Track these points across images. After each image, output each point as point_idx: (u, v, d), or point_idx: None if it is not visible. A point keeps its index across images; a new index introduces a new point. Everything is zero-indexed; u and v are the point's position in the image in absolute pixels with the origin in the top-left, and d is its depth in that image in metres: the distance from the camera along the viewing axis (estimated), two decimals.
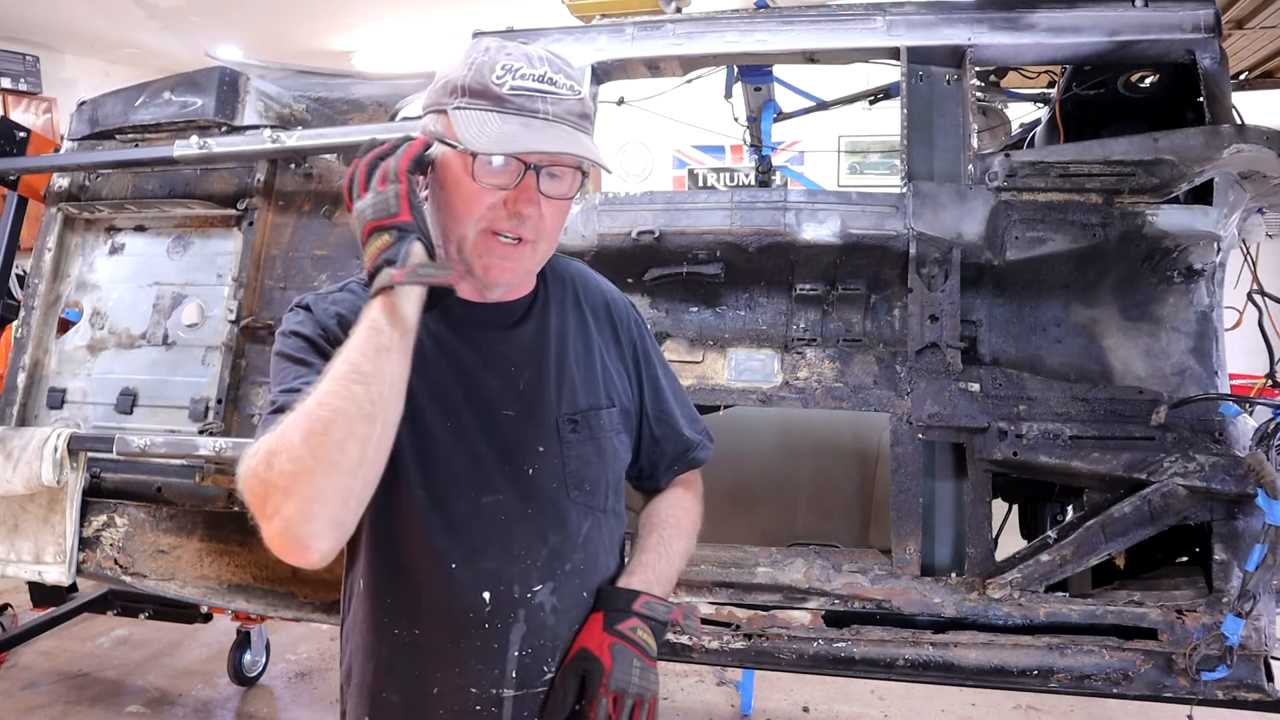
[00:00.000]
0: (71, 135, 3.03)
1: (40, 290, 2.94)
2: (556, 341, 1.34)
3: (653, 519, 1.45)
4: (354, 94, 2.97)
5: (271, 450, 1.02)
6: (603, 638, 1.24)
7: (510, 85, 1.15)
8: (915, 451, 2.22)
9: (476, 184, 1.16)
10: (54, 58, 7.97)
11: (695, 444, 1.51)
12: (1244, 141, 2.11)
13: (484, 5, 6.12)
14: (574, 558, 1.28)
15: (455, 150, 1.17)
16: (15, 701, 3.73)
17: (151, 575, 2.66)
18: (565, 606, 1.27)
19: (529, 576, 1.24)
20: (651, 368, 1.47)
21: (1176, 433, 2.12)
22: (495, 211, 1.18)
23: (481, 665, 1.23)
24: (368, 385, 1.03)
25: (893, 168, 7.13)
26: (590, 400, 1.34)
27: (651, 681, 1.23)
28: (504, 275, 1.23)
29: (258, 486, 1.02)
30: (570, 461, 1.29)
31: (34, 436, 2.58)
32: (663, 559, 1.38)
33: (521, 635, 1.23)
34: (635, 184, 9.00)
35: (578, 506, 1.29)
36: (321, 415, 1.01)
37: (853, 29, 2.44)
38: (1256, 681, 2.06)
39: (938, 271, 2.25)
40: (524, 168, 1.16)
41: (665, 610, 1.29)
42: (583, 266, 1.47)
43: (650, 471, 1.49)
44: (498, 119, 1.15)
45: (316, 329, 1.23)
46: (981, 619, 2.14)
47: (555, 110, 1.17)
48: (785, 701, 3.82)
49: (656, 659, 1.26)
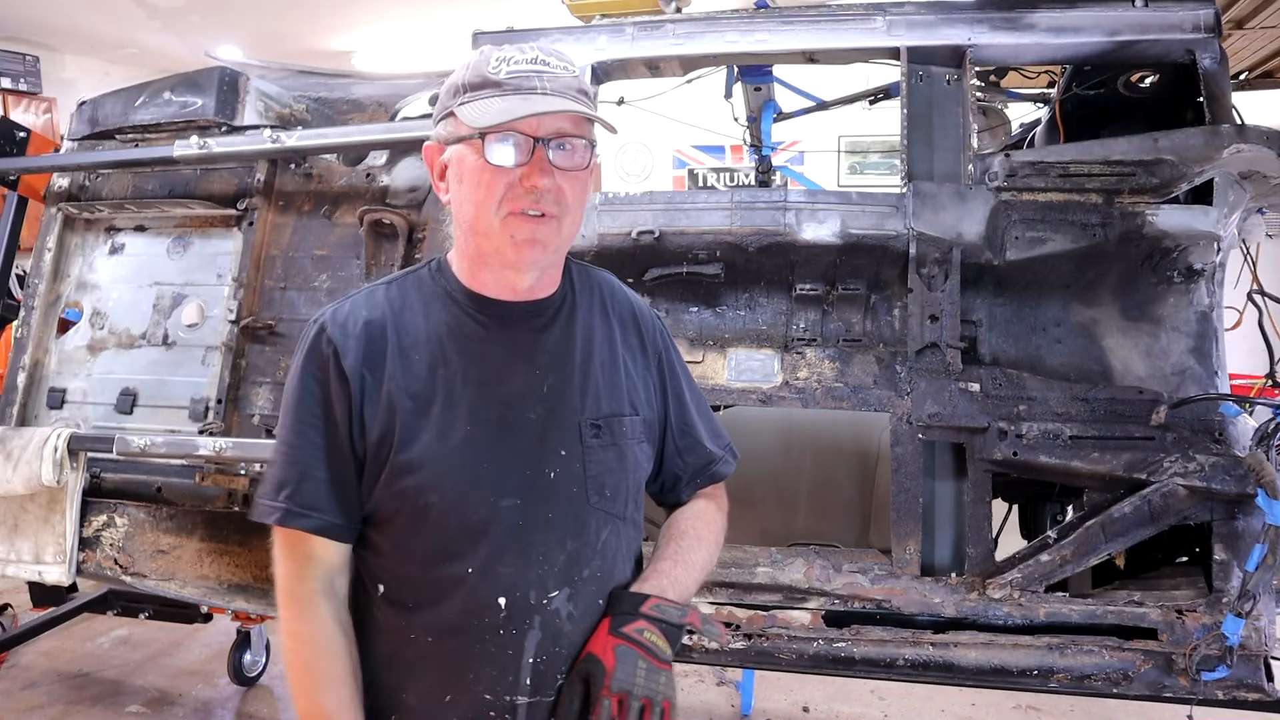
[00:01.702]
0: (71, 135, 3.03)
1: (40, 290, 2.94)
2: (582, 346, 1.33)
3: (673, 530, 1.43)
4: (354, 94, 2.97)
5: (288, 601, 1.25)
6: (607, 640, 1.22)
7: (506, 71, 1.20)
8: (915, 451, 2.22)
9: (490, 166, 1.19)
10: (54, 58, 7.96)
11: (718, 458, 1.49)
12: (1244, 141, 2.11)
13: (484, 5, 6.13)
14: (592, 564, 1.27)
15: (467, 141, 1.21)
16: (15, 701, 3.73)
17: (151, 575, 2.66)
18: (581, 613, 1.26)
19: (546, 582, 1.23)
20: (676, 380, 1.46)
21: (1176, 433, 2.12)
22: (513, 191, 1.20)
23: (496, 672, 1.22)
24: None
25: (893, 168, 7.12)
26: (614, 407, 1.33)
27: (662, 684, 1.18)
28: (534, 253, 1.23)
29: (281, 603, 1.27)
30: (591, 466, 1.28)
31: (34, 436, 2.58)
32: (679, 566, 1.35)
33: (537, 642, 1.22)
34: (635, 184, 9.00)
35: (597, 512, 1.28)
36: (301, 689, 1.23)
37: (853, 29, 2.44)
38: (1256, 681, 2.06)
39: (938, 271, 2.25)
40: (533, 143, 1.18)
41: (679, 613, 1.26)
42: (611, 276, 1.47)
43: (672, 485, 1.47)
44: (498, 100, 1.19)
45: (332, 369, 1.25)
46: (981, 619, 2.14)
47: (552, 85, 1.21)
48: (785, 701, 3.81)
49: (669, 662, 1.21)
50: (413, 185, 2.66)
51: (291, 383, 1.26)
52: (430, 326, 1.28)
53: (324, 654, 1.22)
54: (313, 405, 1.24)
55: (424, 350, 1.26)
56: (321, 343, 1.25)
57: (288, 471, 1.24)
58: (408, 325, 1.27)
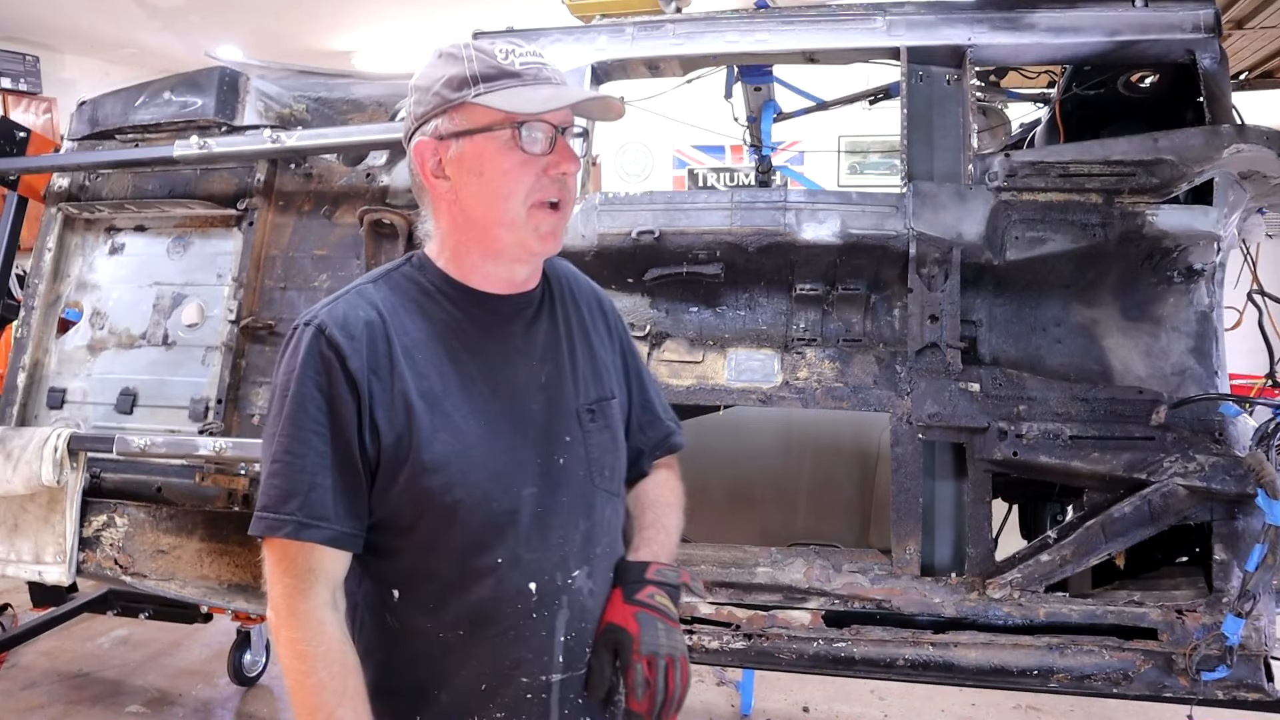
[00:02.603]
0: (71, 135, 3.03)
1: (40, 290, 2.94)
2: (567, 335, 1.39)
3: (643, 500, 1.51)
4: (354, 94, 2.97)
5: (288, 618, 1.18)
6: (626, 609, 1.30)
7: (520, 62, 1.23)
8: (915, 451, 2.22)
9: (522, 155, 1.21)
10: (54, 58, 7.96)
11: (673, 430, 1.58)
12: (1244, 141, 2.12)
13: (484, 5, 6.13)
14: (602, 541, 1.34)
15: (487, 132, 1.21)
16: (15, 701, 3.73)
17: (151, 575, 2.66)
18: (599, 588, 1.33)
19: (568, 563, 1.29)
20: (635, 359, 1.54)
21: (1176, 433, 2.12)
22: (540, 179, 1.23)
23: (531, 654, 1.26)
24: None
25: (893, 168, 7.13)
26: (600, 391, 1.40)
27: (678, 641, 1.29)
28: (552, 245, 1.29)
29: (274, 619, 1.20)
30: (592, 449, 1.34)
31: (34, 436, 2.59)
32: (661, 532, 1.45)
33: (566, 620, 1.28)
34: (635, 184, 9.00)
35: (600, 492, 1.35)
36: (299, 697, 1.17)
37: (853, 29, 2.44)
38: (1256, 681, 2.06)
39: (938, 271, 2.25)
40: (555, 131, 1.23)
41: (675, 574, 1.37)
42: (567, 263, 1.52)
43: (635, 458, 1.53)
44: (528, 89, 1.22)
45: (338, 371, 1.20)
46: (981, 619, 2.14)
47: (558, 77, 1.27)
48: (785, 701, 3.81)
49: (677, 620, 1.32)
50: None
51: (287, 389, 1.20)
52: (428, 324, 1.28)
53: (340, 671, 1.17)
54: (315, 412, 1.19)
55: (427, 349, 1.26)
56: (321, 345, 1.20)
57: (293, 482, 1.18)
58: (405, 324, 1.26)
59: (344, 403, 1.19)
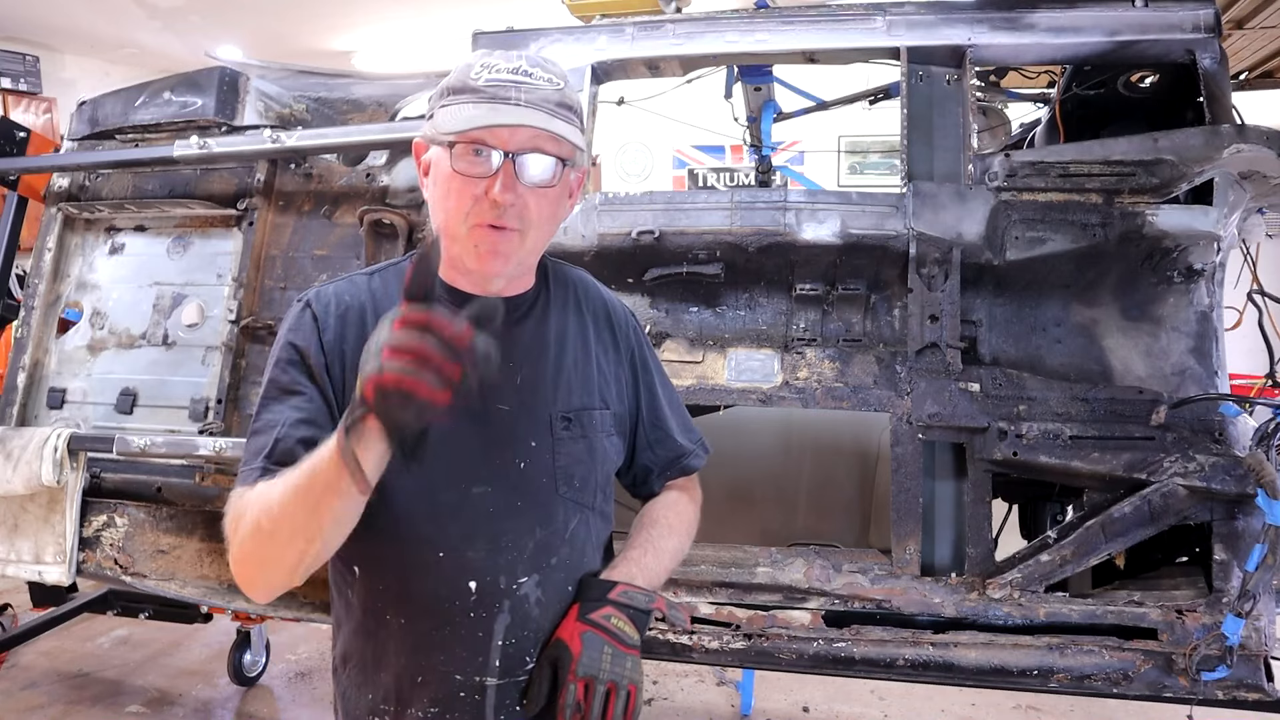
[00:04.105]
0: (71, 135, 3.03)
1: (40, 290, 2.94)
2: (556, 341, 1.37)
3: (645, 519, 1.47)
4: (354, 94, 2.97)
5: (236, 515, 1.15)
6: (575, 626, 1.26)
7: (485, 79, 1.20)
8: (915, 451, 2.22)
9: (457, 174, 1.20)
10: (54, 58, 7.97)
11: (689, 451, 1.53)
12: (1244, 141, 2.12)
13: (484, 5, 6.13)
14: (560, 552, 1.31)
15: (442, 145, 1.22)
16: (15, 701, 3.73)
17: (151, 575, 2.66)
18: (550, 599, 1.30)
19: (515, 568, 1.27)
20: (649, 374, 1.50)
21: (1176, 433, 2.12)
22: (480, 204, 1.20)
23: (466, 653, 1.26)
24: (312, 514, 1.09)
25: (893, 168, 7.13)
26: (585, 400, 1.37)
27: (628, 669, 1.22)
28: (495, 265, 1.24)
29: (228, 532, 1.17)
30: (560, 458, 1.32)
31: (34, 436, 2.59)
32: (649, 554, 1.39)
33: (506, 625, 1.26)
34: (635, 184, 9.00)
35: (566, 502, 1.32)
36: (265, 526, 1.11)
37: (853, 29, 2.44)
38: (1256, 681, 2.06)
39: (938, 271, 2.25)
40: (502, 156, 1.19)
41: (646, 599, 1.30)
42: (585, 274, 1.51)
43: (644, 477, 1.51)
44: (469, 108, 1.19)
45: (313, 340, 1.26)
46: (981, 619, 2.14)
47: (529, 97, 1.19)
48: (785, 701, 3.81)
49: (636, 647, 1.25)
50: (413, 185, 2.66)
51: (272, 355, 1.28)
52: None
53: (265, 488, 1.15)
54: (294, 373, 1.25)
55: None
56: (307, 316, 1.28)
57: (265, 438, 1.21)
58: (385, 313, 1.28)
59: (318, 367, 1.25)
